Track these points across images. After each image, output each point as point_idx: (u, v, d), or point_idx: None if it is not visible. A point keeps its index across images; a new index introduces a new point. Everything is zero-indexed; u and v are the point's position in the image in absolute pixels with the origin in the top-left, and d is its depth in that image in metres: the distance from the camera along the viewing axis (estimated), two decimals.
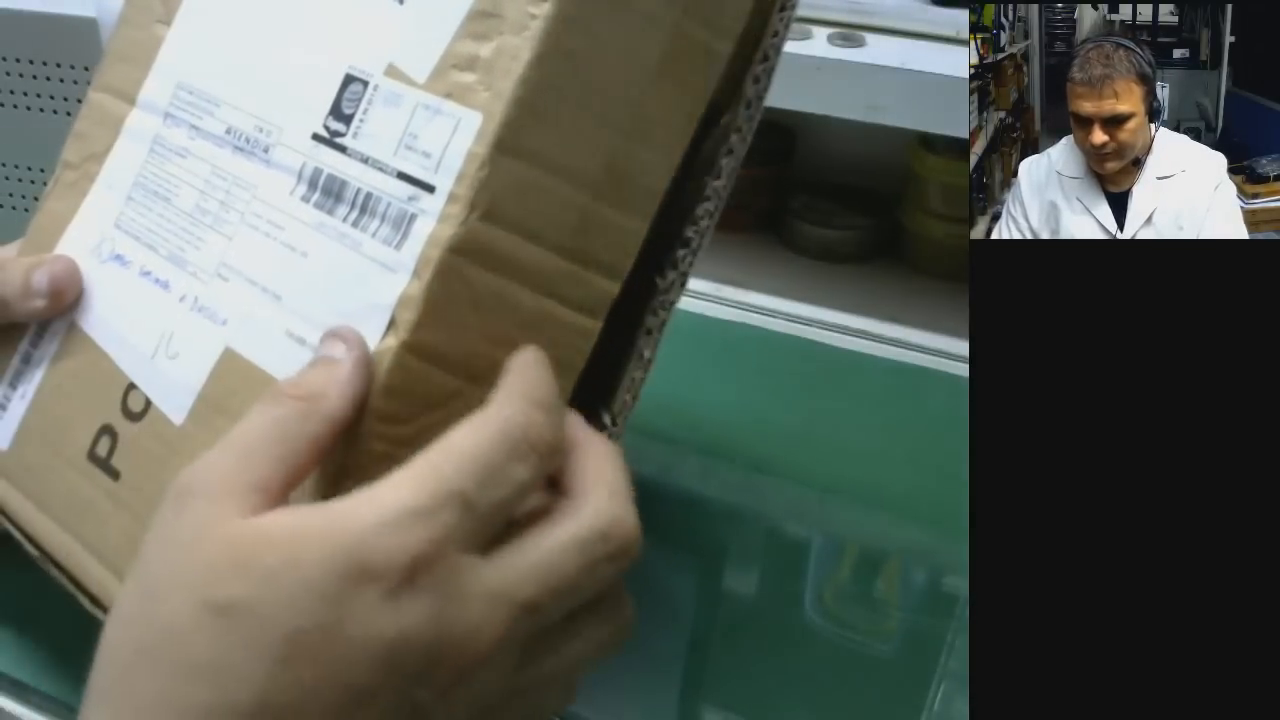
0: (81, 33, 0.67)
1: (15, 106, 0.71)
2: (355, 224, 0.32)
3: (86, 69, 0.69)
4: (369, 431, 0.30)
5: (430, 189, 0.31)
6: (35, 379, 0.38)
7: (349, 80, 0.33)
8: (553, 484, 0.29)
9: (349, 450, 0.30)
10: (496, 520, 0.27)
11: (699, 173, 0.35)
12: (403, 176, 0.31)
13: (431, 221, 0.30)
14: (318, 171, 0.33)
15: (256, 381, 0.33)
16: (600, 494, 0.28)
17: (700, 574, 0.51)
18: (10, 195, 0.75)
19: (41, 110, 0.71)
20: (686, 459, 0.57)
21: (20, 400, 0.38)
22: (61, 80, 0.70)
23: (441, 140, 0.31)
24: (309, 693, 0.24)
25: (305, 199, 0.33)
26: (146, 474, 0.34)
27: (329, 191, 0.33)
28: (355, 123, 0.33)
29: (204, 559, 0.26)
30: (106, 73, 0.40)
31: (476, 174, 0.30)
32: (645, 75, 0.32)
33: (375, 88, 0.32)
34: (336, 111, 0.33)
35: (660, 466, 0.56)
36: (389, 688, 0.25)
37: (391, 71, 0.32)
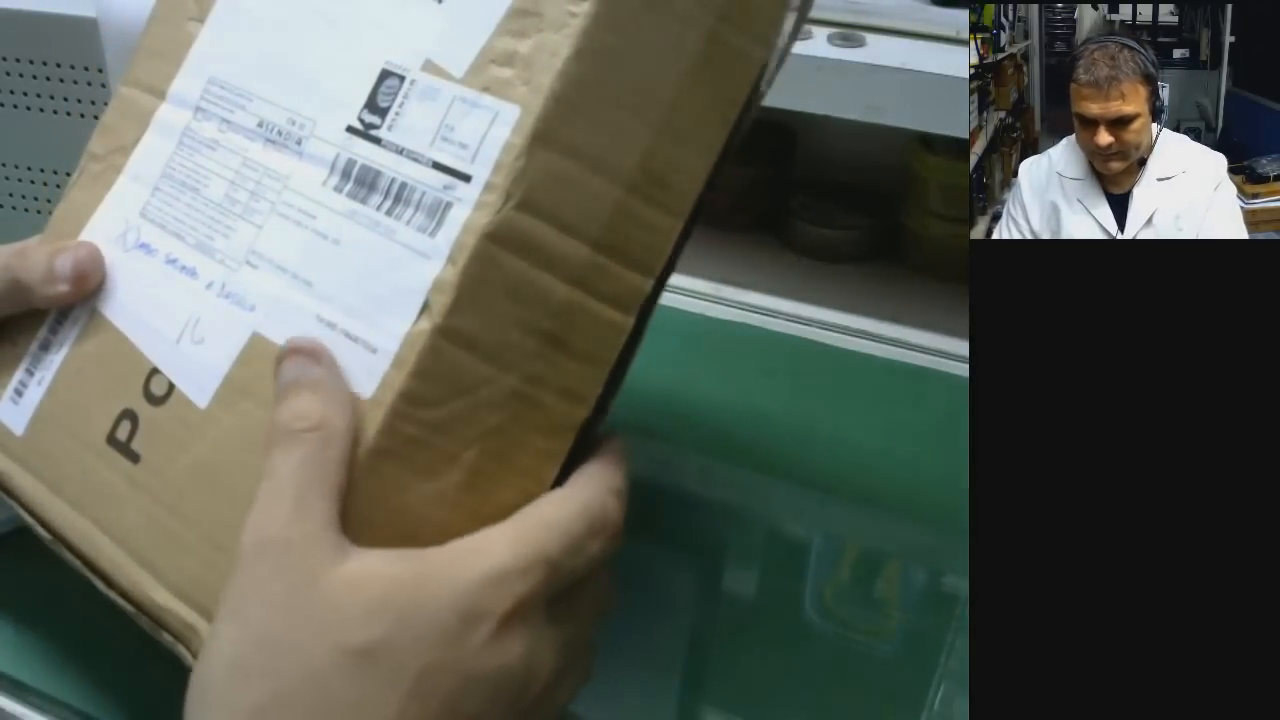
0: (81, 33, 0.67)
1: (15, 106, 0.71)
2: (389, 212, 0.32)
3: (86, 69, 0.69)
4: (399, 413, 0.30)
5: (466, 178, 0.31)
6: (53, 365, 0.38)
7: (385, 75, 0.33)
8: None
9: (382, 435, 0.31)
10: (569, 582, 0.32)
11: None
12: (438, 166, 0.31)
13: (467, 209, 0.31)
14: (351, 162, 0.33)
15: None
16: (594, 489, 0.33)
17: (700, 574, 0.51)
18: (10, 195, 0.75)
19: (41, 110, 0.71)
20: (686, 459, 0.57)
21: (37, 386, 0.38)
22: (61, 80, 0.70)
23: (479, 132, 0.31)
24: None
25: (338, 189, 0.33)
26: (167, 457, 0.35)
27: (362, 181, 0.33)
28: (390, 116, 0.33)
29: (330, 607, 0.28)
30: (137, 68, 0.40)
31: (514, 164, 0.30)
32: (679, 76, 0.32)
33: (412, 82, 0.33)
34: (372, 105, 0.33)
35: (660, 466, 0.56)
36: (494, 713, 0.29)
37: (429, 67, 0.32)
